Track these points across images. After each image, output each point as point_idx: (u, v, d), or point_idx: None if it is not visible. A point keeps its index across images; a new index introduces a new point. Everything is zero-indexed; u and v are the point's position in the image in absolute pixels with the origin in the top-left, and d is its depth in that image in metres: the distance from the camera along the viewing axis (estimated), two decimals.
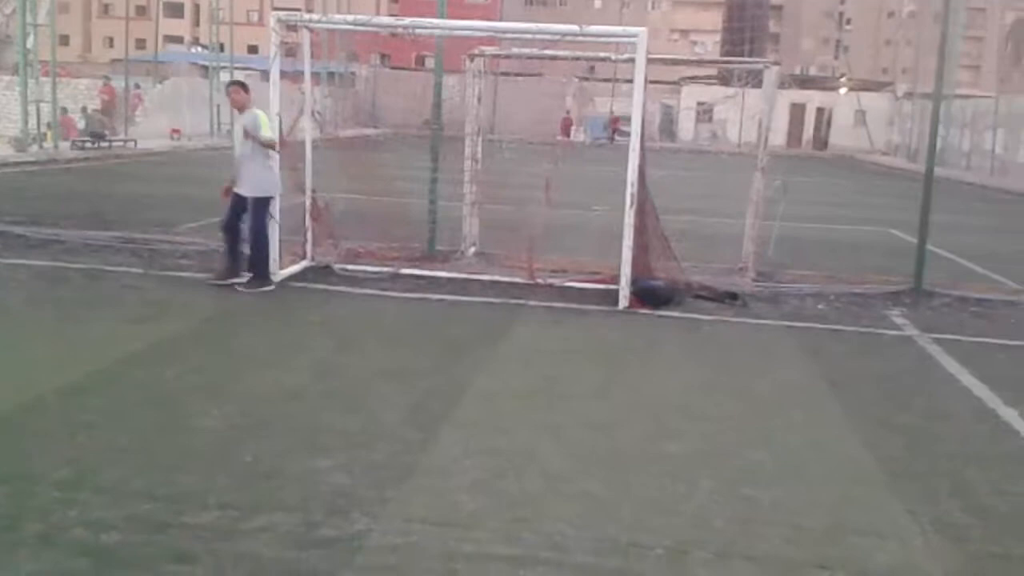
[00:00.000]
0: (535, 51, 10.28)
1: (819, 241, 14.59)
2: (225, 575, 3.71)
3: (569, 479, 4.87)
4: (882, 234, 16.15)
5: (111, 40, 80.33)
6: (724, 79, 47.00)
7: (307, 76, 9.81)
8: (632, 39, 8.73)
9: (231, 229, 9.14)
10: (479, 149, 11.42)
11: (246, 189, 9.04)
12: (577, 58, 10.91)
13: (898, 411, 6.37)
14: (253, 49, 55.45)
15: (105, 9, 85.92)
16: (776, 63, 10.02)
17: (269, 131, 8.84)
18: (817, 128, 53.41)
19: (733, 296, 9.70)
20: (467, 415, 5.81)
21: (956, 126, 37.90)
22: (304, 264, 10.12)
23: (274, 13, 9.11)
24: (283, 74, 9.23)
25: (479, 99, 11.31)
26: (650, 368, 7.31)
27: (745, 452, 5.40)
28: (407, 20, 9.05)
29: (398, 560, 3.92)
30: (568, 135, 43.27)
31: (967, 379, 7.20)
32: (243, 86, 9.25)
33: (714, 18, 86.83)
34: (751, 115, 47.92)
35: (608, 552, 4.08)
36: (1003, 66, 40.96)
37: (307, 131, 10.01)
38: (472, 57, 11.00)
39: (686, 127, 53.25)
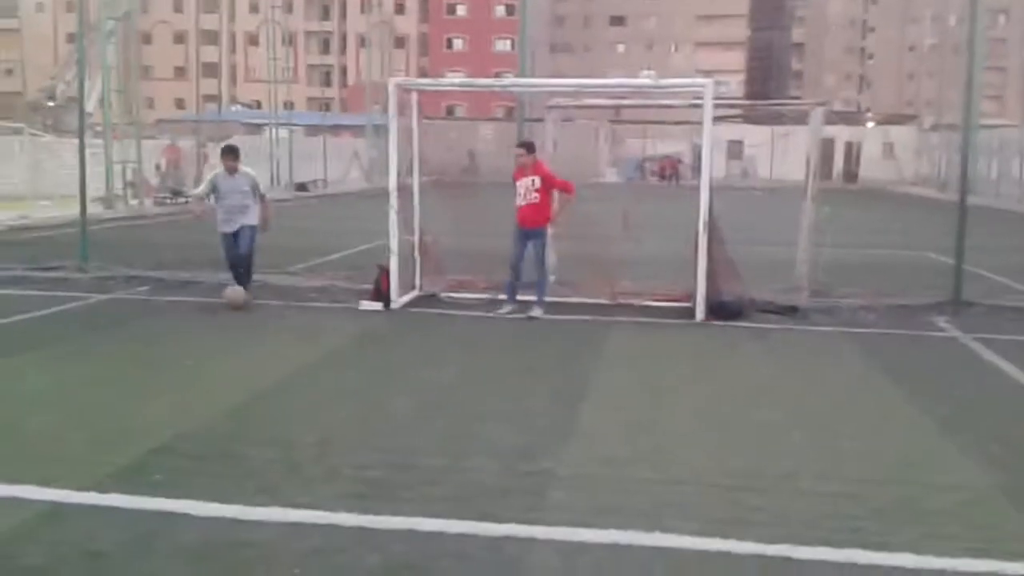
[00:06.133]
0: (608, 101, 11.74)
1: (863, 264, 15.89)
2: (462, 492, 5.12)
3: (680, 434, 6.28)
4: (920, 257, 17.40)
5: (151, 101, 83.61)
6: (753, 119, 48.35)
7: (415, 134, 11.37)
8: (700, 88, 10.23)
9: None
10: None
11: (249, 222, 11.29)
12: (646, 106, 12.33)
13: (949, 388, 7.74)
14: (288, 105, 57.66)
15: (145, 71, 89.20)
16: (823, 103, 11.43)
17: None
18: (847, 161, 54.79)
19: (793, 309, 11.06)
20: (596, 399, 7.23)
21: (984, 155, 39.05)
22: (415, 293, 11.61)
23: (392, 79, 10.72)
24: (318, 128, 10.79)
25: (555, 145, 12.83)
26: (735, 365, 8.72)
27: (828, 421, 6.79)
28: (506, 80, 10.59)
29: (584, 483, 5.32)
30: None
31: (1006, 367, 8.54)
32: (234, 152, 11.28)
33: (737, 58, 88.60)
34: (781, 151, 49.54)
35: (740, 476, 5.48)
36: None
37: (415, 179, 11.58)
38: (549, 108, 12.56)
39: (717, 165, 54.60)
